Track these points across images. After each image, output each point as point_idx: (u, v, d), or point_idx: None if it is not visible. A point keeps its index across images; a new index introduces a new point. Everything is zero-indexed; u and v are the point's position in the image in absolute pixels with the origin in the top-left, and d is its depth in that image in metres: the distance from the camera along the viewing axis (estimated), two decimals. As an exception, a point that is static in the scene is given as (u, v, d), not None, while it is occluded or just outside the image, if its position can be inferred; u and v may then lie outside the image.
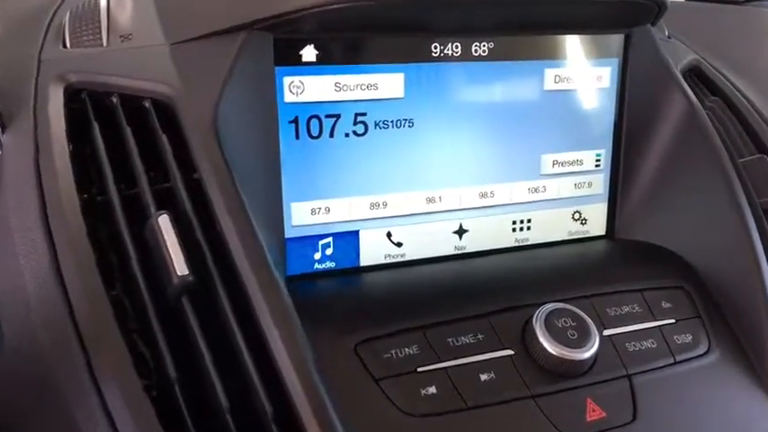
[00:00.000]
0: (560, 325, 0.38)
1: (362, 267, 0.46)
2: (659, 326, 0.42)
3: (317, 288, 0.44)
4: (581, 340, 0.38)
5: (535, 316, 0.39)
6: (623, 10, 0.46)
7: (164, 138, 0.41)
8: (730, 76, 0.62)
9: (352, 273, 0.46)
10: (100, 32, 0.49)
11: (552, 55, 0.48)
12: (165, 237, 0.35)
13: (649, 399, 0.39)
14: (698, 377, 0.40)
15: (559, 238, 0.51)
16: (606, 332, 0.41)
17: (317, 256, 0.45)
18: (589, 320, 0.39)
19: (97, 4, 0.51)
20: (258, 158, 0.42)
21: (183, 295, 0.35)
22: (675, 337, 0.41)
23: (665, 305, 0.43)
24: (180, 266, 0.34)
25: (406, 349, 0.37)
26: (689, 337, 0.42)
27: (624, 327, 0.41)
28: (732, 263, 0.45)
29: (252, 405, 0.33)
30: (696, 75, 0.60)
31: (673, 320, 0.42)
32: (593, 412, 0.37)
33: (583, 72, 0.49)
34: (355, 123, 0.44)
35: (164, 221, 0.36)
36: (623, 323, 0.41)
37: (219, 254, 0.36)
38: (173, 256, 0.34)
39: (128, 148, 0.41)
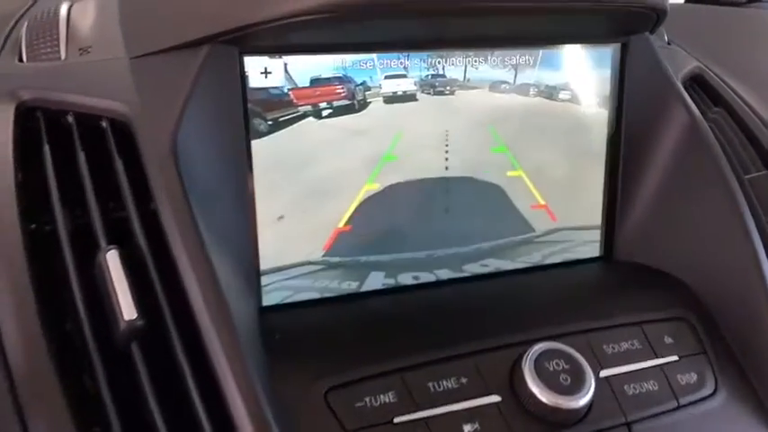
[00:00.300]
0: (552, 368, 0.35)
1: (345, 296, 0.43)
2: (661, 364, 0.38)
3: (292, 321, 0.41)
4: (575, 386, 0.35)
5: (524, 358, 0.35)
6: (620, 19, 0.42)
7: (119, 162, 0.37)
8: (733, 84, 0.59)
9: (333, 302, 0.43)
10: (58, 44, 0.45)
11: (543, 66, 0.44)
12: (113, 275, 0.32)
13: (651, 450, 0.35)
14: (704, 422, 0.37)
15: (552, 261, 0.48)
16: (603, 373, 0.37)
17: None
18: (584, 362, 0.36)
19: (57, 14, 0.47)
20: (227, 183, 0.39)
21: (132, 341, 0.31)
22: (679, 376, 0.38)
23: (668, 340, 0.39)
24: (128, 310, 0.31)
25: (382, 396, 0.34)
26: (693, 377, 0.38)
27: (623, 366, 0.37)
28: (737, 289, 0.42)
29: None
30: (698, 83, 0.56)
31: (675, 358, 0.39)
32: (589, 466, 0.34)
33: (576, 84, 0.45)
34: (331, 143, 0.41)
35: (112, 258, 0.32)
36: (622, 362, 0.38)
37: (174, 292, 0.33)
38: (120, 298, 0.31)
39: (80, 172, 0.37)
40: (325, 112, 0.41)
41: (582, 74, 0.46)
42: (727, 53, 0.62)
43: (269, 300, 0.42)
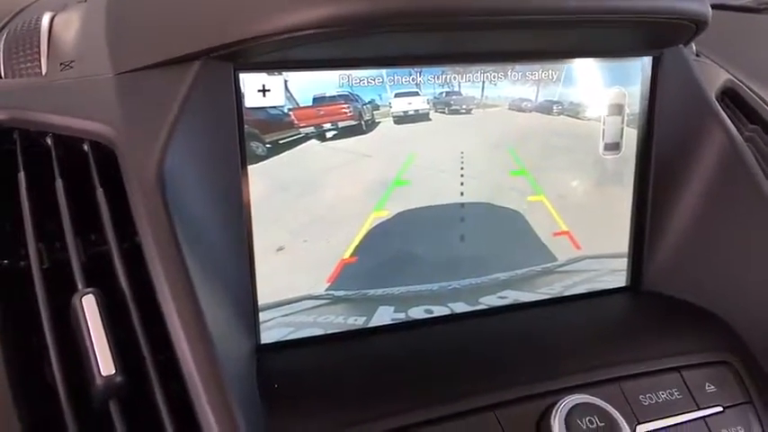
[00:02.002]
0: (584, 426, 0.31)
1: (350, 332, 0.40)
2: (704, 416, 0.34)
3: (292, 362, 0.38)
4: (611, 447, 0.31)
5: (553, 413, 0.31)
6: (655, 30, 0.38)
7: (100, 191, 0.34)
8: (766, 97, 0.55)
9: (337, 339, 0.39)
10: (39, 58, 0.42)
11: (568, 82, 0.41)
12: (90, 324, 0.28)
13: None
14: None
15: (575, 291, 0.44)
16: (640, 429, 0.33)
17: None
18: (619, 418, 0.32)
19: (38, 25, 0.44)
20: (220, 213, 0.35)
21: (110, 399, 0.28)
22: (723, 430, 0.34)
23: (709, 388, 0.35)
24: (106, 364, 0.27)
25: (387, 463, 0.30)
26: (740, 431, 0.34)
27: (662, 420, 0.34)
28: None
29: None
30: (730, 98, 0.52)
31: (719, 408, 0.35)
32: None
33: (603, 101, 0.42)
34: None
35: (89, 303, 0.29)
36: (660, 414, 0.34)
37: (158, 337, 0.29)
38: (97, 351, 0.27)
39: (58, 202, 0.34)
40: (329, 134, 0.37)
41: (609, 90, 0.42)
42: (757, 64, 0.58)
43: (268, 337, 0.38)
